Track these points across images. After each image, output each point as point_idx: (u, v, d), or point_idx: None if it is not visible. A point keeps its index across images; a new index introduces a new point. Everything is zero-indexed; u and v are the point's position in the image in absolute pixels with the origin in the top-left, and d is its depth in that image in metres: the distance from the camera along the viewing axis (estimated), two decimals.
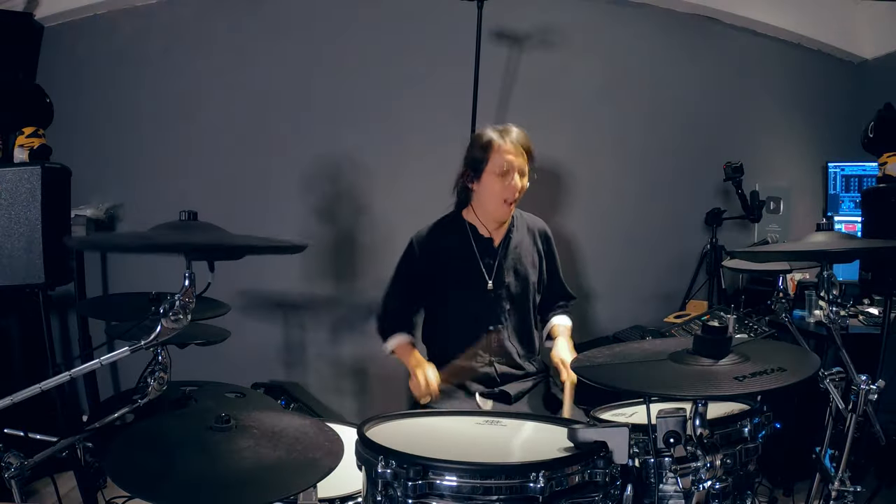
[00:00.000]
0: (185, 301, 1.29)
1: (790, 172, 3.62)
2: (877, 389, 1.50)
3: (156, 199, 3.21)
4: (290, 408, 2.97)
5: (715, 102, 3.59)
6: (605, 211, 3.52)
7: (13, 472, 1.31)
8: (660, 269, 3.55)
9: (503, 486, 1.21)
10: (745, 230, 3.53)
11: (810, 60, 3.67)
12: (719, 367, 1.33)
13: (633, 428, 1.35)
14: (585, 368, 1.43)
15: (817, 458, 1.64)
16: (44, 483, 2.53)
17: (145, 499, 1.13)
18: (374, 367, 3.36)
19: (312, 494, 1.24)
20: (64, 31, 3.32)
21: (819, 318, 2.49)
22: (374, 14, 3.38)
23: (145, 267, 3.07)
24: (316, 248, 3.33)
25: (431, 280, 2.27)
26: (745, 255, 1.99)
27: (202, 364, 2.32)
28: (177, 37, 3.35)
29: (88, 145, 3.25)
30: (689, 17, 3.57)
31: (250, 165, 3.37)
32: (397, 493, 1.23)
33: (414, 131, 3.39)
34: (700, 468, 1.28)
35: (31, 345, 2.81)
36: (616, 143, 3.53)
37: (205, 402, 1.85)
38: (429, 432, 1.57)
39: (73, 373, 1.32)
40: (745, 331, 2.74)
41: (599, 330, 3.46)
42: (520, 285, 2.27)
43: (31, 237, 2.15)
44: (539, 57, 3.39)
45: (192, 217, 1.42)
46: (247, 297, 3.26)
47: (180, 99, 3.34)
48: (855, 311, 2.90)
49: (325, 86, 3.37)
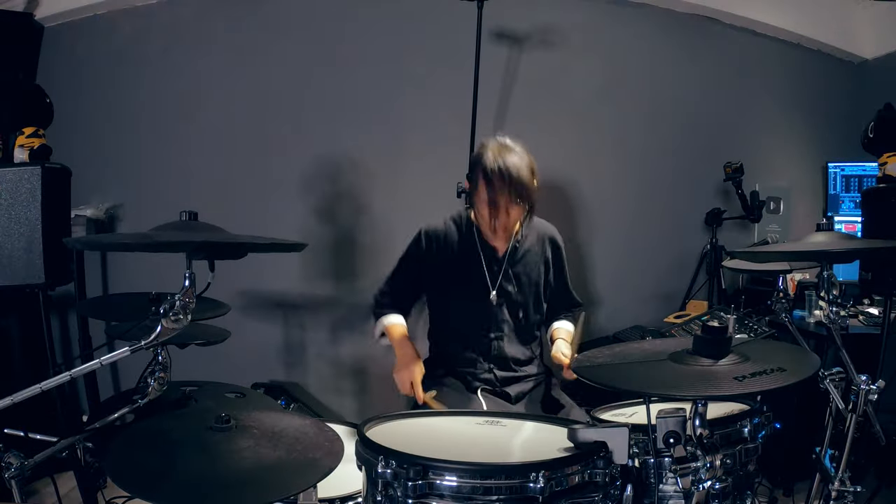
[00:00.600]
0: (186, 301, 1.29)
1: (790, 172, 3.62)
2: (877, 389, 1.50)
3: (156, 199, 3.21)
4: (290, 408, 2.97)
5: (715, 102, 3.59)
6: (605, 211, 3.52)
7: (13, 472, 1.31)
8: (660, 269, 3.55)
9: (503, 486, 1.21)
10: (745, 230, 3.53)
11: (810, 60, 3.67)
12: (719, 367, 1.34)
13: (633, 428, 1.35)
14: (585, 368, 1.43)
15: (817, 458, 1.64)
16: (44, 483, 2.53)
17: (145, 499, 1.13)
18: (374, 367, 3.36)
19: (312, 494, 1.24)
20: (64, 31, 3.32)
21: (819, 318, 2.49)
22: (374, 14, 3.38)
23: (145, 267, 3.07)
24: (316, 248, 3.33)
25: (434, 275, 2.25)
26: (745, 255, 1.99)
27: (202, 364, 2.32)
28: (177, 37, 3.35)
29: (88, 145, 3.25)
30: (689, 17, 3.57)
31: (250, 165, 3.37)
32: (397, 493, 1.23)
33: (414, 131, 3.39)
34: (700, 468, 1.28)
35: (31, 345, 2.81)
36: (616, 143, 3.53)
37: (205, 402, 1.85)
38: (429, 432, 1.57)
39: (73, 373, 1.32)
40: (745, 331, 2.74)
41: (599, 330, 3.46)
42: (525, 295, 2.23)
43: (31, 237, 2.15)
44: (539, 57, 3.39)
45: (192, 217, 1.42)
46: (247, 297, 3.26)
47: (180, 99, 3.34)
48: (855, 311, 2.90)
49: (325, 86, 3.37)
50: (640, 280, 3.54)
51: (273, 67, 3.36)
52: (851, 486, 1.52)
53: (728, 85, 3.59)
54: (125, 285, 3.24)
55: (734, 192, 3.29)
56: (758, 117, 3.63)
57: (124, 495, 2.03)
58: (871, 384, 1.50)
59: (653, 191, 3.54)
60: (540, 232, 2.31)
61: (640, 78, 3.52)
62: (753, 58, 3.62)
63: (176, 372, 1.49)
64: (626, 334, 3.12)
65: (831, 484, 1.54)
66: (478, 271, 2.21)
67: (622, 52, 3.52)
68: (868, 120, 2.48)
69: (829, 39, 3.62)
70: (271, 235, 1.52)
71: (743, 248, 2.35)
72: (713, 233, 3.35)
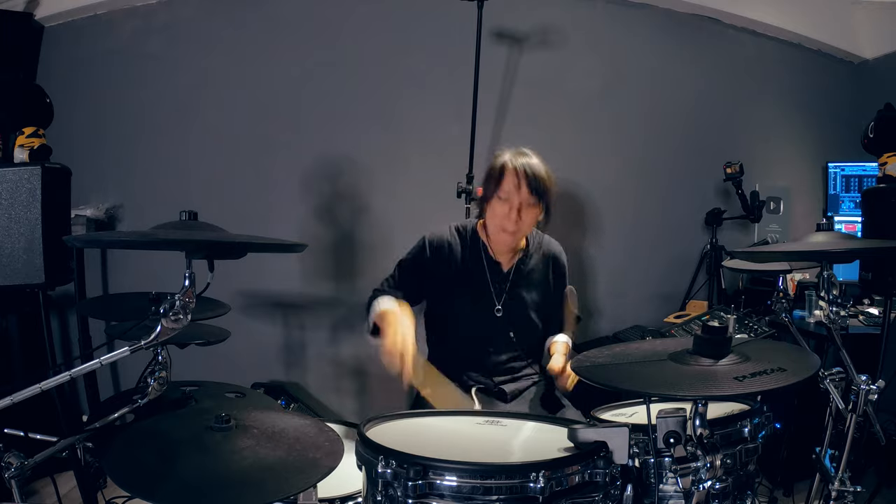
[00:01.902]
0: (185, 301, 1.29)
1: (790, 172, 3.63)
2: (877, 389, 1.50)
3: (155, 199, 3.21)
4: (290, 408, 2.97)
5: (715, 102, 3.59)
6: (605, 211, 3.52)
7: (13, 472, 1.31)
8: (660, 269, 3.55)
9: (503, 486, 1.21)
10: (745, 230, 3.54)
11: (810, 60, 3.68)
12: (719, 367, 1.33)
13: (633, 428, 1.35)
14: (585, 368, 1.43)
15: (817, 458, 1.64)
16: (44, 483, 2.53)
17: (145, 499, 1.13)
18: (373, 366, 3.35)
19: (312, 494, 1.24)
20: (64, 31, 3.32)
21: (819, 318, 2.49)
22: (374, 14, 3.39)
23: (145, 267, 3.07)
24: (316, 248, 3.33)
25: (437, 284, 2.21)
26: (745, 255, 1.98)
27: (202, 364, 2.32)
28: (177, 37, 3.35)
29: (88, 145, 3.25)
30: (690, 17, 3.57)
31: (250, 165, 3.37)
32: (397, 493, 1.22)
33: (414, 131, 3.39)
34: (700, 468, 1.28)
35: (31, 345, 2.81)
36: (616, 144, 3.53)
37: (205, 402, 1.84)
38: (429, 432, 1.57)
39: (73, 373, 1.32)
40: (745, 331, 2.74)
41: (599, 330, 3.46)
42: (528, 312, 2.22)
43: (31, 237, 2.15)
44: (539, 57, 3.39)
45: (192, 217, 1.42)
46: (247, 297, 3.26)
47: (180, 99, 3.34)
48: (855, 311, 2.90)
49: (324, 85, 3.37)
50: (640, 280, 3.54)
51: (273, 67, 3.36)
52: (851, 486, 1.52)
53: (728, 85, 3.60)
54: (125, 285, 3.24)
55: (734, 192, 3.29)
56: (758, 117, 3.64)
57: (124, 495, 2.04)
58: (871, 384, 1.50)
59: (653, 191, 3.54)
60: (546, 251, 2.29)
61: (640, 78, 3.52)
62: (753, 58, 3.62)
63: (176, 372, 1.49)
64: (626, 334, 3.12)
65: (831, 484, 1.54)
66: (482, 285, 2.18)
67: (622, 52, 3.52)
68: (868, 120, 2.48)
69: (829, 39, 3.63)
70: (271, 235, 1.52)
71: (743, 248, 2.35)
72: (713, 233, 3.36)
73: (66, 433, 1.51)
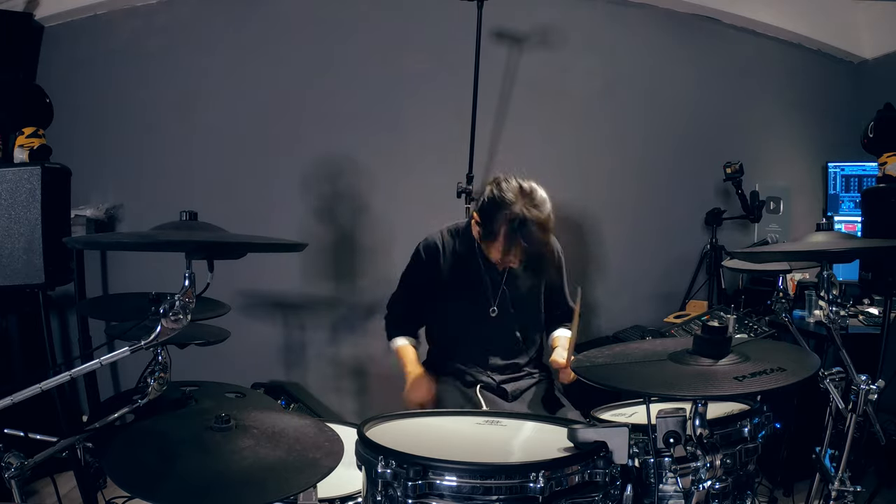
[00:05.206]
0: (185, 301, 1.29)
1: (790, 172, 3.62)
2: (877, 389, 1.50)
3: (156, 199, 3.21)
4: (290, 408, 2.97)
5: (715, 102, 3.59)
6: (605, 211, 3.52)
7: (13, 472, 1.31)
8: (660, 269, 3.55)
9: (503, 486, 1.21)
10: (745, 230, 3.54)
11: (810, 60, 3.67)
12: (719, 367, 1.33)
13: (633, 428, 1.35)
14: (585, 368, 1.43)
15: (817, 458, 1.64)
16: (44, 483, 2.53)
17: (145, 499, 1.13)
18: (373, 366, 3.36)
19: (312, 494, 1.24)
20: (64, 31, 3.32)
21: (819, 318, 2.49)
22: (375, 14, 3.38)
23: (145, 267, 3.07)
24: (316, 248, 3.33)
25: (433, 285, 2.24)
26: (744, 255, 1.99)
27: (202, 364, 2.32)
28: (177, 37, 3.35)
29: (88, 145, 3.25)
30: (690, 17, 3.57)
31: (250, 165, 3.37)
32: (397, 493, 1.23)
33: (414, 131, 3.39)
34: (700, 468, 1.28)
35: (31, 345, 2.81)
36: (616, 143, 3.53)
37: (205, 402, 1.84)
38: (429, 432, 1.57)
39: (73, 373, 1.32)
40: (745, 331, 2.74)
41: (599, 330, 3.46)
42: (526, 308, 2.23)
43: (31, 237, 2.15)
44: (539, 57, 3.39)
45: (192, 217, 1.42)
46: (247, 297, 3.26)
47: (180, 99, 3.34)
48: (855, 311, 2.90)
49: (325, 85, 3.37)
50: (639, 280, 3.54)
51: (273, 67, 3.36)
52: (851, 485, 1.52)
53: (728, 85, 3.59)
54: (125, 285, 3.24)
55: (734, 192, 3.29)
56: (758, 117, 3.64)
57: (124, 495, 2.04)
58: (871, 384, 1.50)
59: (653, 191, 3.54)
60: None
61: (640, 78, 3.52)
62: (753, 58, 3.62)
63: (176, 372, 1.49)
64: (626, 334, 3.12)
65: (831, 484, 1.54)
66: (477, 285, 2.20)
67: (622, 52, 3.52)
68: (868, 120, 2.49)
69: (829, 39, 3.62)
70: (271, 235, 1.52)
71: (743, 248, 2.35)
72: (713, 233, 3.36)
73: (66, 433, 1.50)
